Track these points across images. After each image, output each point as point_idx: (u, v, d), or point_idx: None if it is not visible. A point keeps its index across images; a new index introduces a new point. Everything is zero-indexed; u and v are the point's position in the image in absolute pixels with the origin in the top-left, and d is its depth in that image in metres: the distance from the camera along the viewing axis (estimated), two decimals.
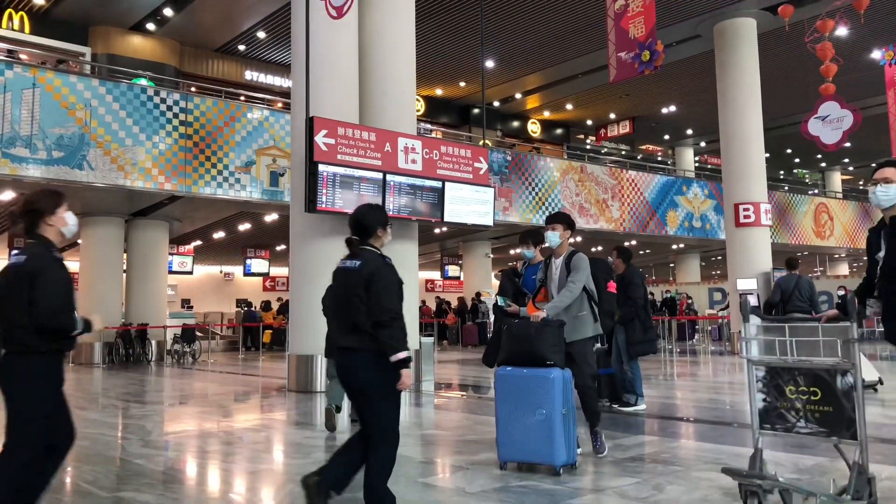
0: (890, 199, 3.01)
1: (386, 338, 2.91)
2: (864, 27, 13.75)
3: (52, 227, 2.84)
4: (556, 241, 4.43)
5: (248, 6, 13.97)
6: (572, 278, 4.22)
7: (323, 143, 7.76)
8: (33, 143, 9.63)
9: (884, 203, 3.04)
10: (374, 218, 3.17)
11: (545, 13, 14.24)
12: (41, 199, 2.86)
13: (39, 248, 2.80)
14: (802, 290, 8.55)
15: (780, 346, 3.03)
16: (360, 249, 3.12)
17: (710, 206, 17.84)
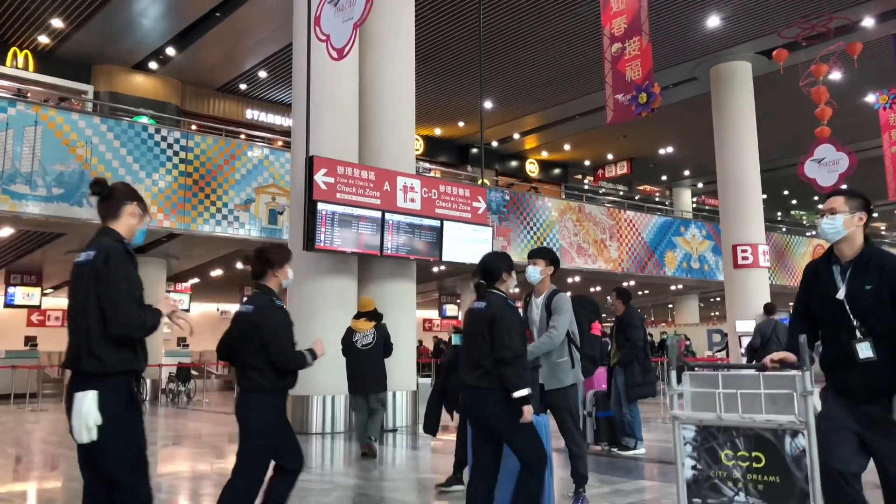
0: (836, 230, 2.75)
1: (508, 375, 3.12)
2: (857, 71, 13.93)
3: (276, 278, 3.24)
4: (537, 277, 4.15)
5: (250, 47, 14.15)
6: (553, 322, 3.95)
7: (322, 181, 7.78)
8: (33, 179, 9.65)
9: (829, 236, 2.78)
10: (500, 264, 3.49)
11: (543, 55, 14.44)
12: (275, 252, 3.28)
13: (264, 297, 3.19)
14: (780, 335, 8.68)
15: (717, 399, 2.51)
16: (486, 292, 3.43)
17: (709, 248, 17.86)
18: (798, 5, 12.05)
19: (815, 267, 2.87)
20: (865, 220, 2.76)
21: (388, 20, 8.83)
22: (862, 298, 2.58)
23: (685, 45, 13.86)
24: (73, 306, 2.54)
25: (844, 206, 2.76)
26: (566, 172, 24.16)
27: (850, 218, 2.74)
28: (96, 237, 2.62)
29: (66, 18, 12.63)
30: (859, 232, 2.75)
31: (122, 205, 2.67)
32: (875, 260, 2.65)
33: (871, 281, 2.59)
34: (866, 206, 2.79)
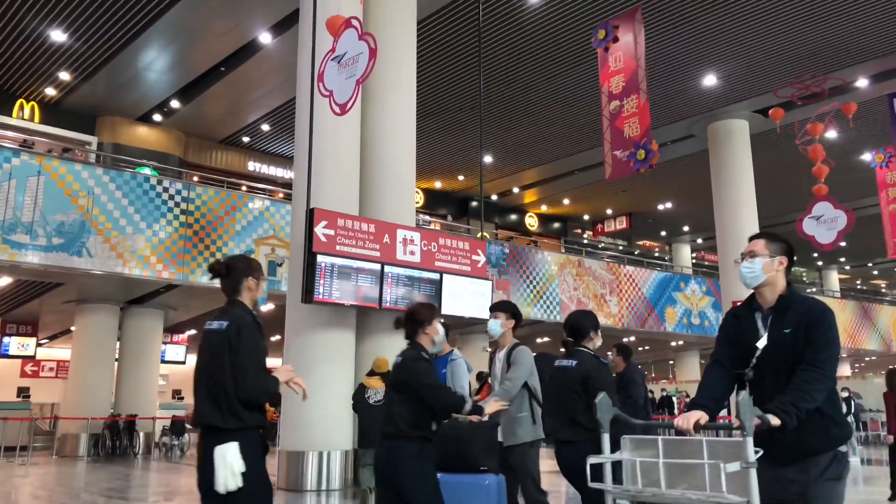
0: (755, 275, 2.59)
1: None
2: (854, 130, 14.12)
3: (427, 335, 3.47)
4: (497, 330, 4.03)
5: (254, 100, 14.36)
6: (510, 374, 3.83)
7: (322, 234, 7.78)
8: (34, 229, 9.66)
9: (748, 280, 2.63)
10: (586, 322, 3.70)
11: (542, 111, 14.64)
12: (423, 310, 3.54)
13: (414, 352, 3.40)
14: None
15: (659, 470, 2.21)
16: (575, 350, 3.61)
17: (709, 303, 17.79)
18: (793, 65, 12.28)
19: (735, 313, 2.72)
20: (787, 265, 2.61)
21: (390, 76, 8.97)
22: (783, 346, 2.45)
23: (682, 103, 14.07)
24: (205, 369, 2.86)
25: (765, 250, 2.63)
26: (565, 226, 24.25)
27: (770, 262, 2.59)
28: (227, 308, 2.96)
29: (73, 71, 12.84)
30: (781, 277, 2.60)
31: (242, 281, 2.98)
32: (795, 304, 2.52)
33: (790, 326, 2.48)
34: (788, 251, 2.65)
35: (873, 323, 22.01)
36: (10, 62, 12.57)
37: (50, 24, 11.19)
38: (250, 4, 10.68)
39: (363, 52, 5.75)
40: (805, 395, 2.30)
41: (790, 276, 2.64)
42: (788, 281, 2.62)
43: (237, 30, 11.45)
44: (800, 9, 10.78)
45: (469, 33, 11.40)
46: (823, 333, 2.42)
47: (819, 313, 2.46)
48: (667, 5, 10.66)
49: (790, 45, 11.79)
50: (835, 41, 11.71)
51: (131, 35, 11.51)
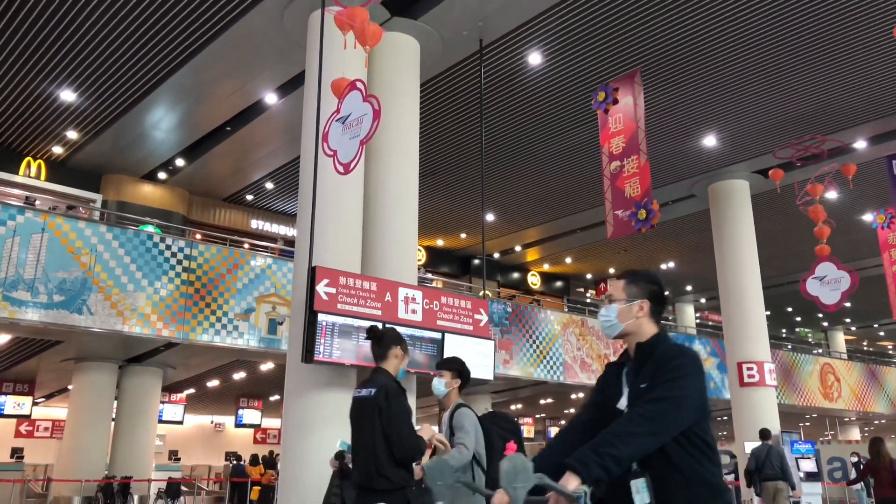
0: (611, 324, 2.23)
1: None
2: (854, 191, 14.19)
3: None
4: (441, 390, 3.87)
5: (258, 159, 14.52)
6: (459, 439, 3.61)
7: (324, 292, 7.74)
8: (35, 286, 9.64)
9: (604, 330, 2.28)
10: None
11: (543, 171, 14.77)
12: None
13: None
14: (773, 460, 9.05)
15: None
16: None
17: (714, 364, 17.60)
18: (792, 126, 12.42)
19: (607, 369, 2.38)
20: (649, 310, 2.23)
21: (393, 137, 9.07)
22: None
23: (683, 163, 14.19)
24: (361, 435, 3.17)
25: (622, 294, 2.25)
26: (568, 285, 24.21)
27: (628, 308, 2.22)
28: (373, 376, 3.28)
29: (81, 130, 13.02)
30: (645, 324, 2.21)
31: (391, 348, 3.33)
32: (656, 353, 2.14)
33: (646, 379, 2.08)
34: (652, 294, 2.25)
35: (881, 385, 21.72)
36: (20, 121, 12.76)
37: (59, 84, 11.39)
38: (257, 67, 10.89)
39: (367, 114, 5.82)
40: (613, 439, 1.89)
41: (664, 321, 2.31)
42: (661, 328, 2.26)
43: (243, 91, 11.65)
44: (798, 71, 10.97)
45: (471, 95, 11.59)
46: (666, 374, 2.03)
47: (669, 357, 2.09)
48: (665, 68, 10.85)
49: (789, 106, 11.95)
50: (833, 103, 11.88)
51: (139, 95, 11.72)
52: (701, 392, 2.07)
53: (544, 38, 10.20)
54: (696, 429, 2.04)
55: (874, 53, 10.49)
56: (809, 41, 10.22)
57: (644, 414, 1.96)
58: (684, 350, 2.14)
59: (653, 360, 2.13)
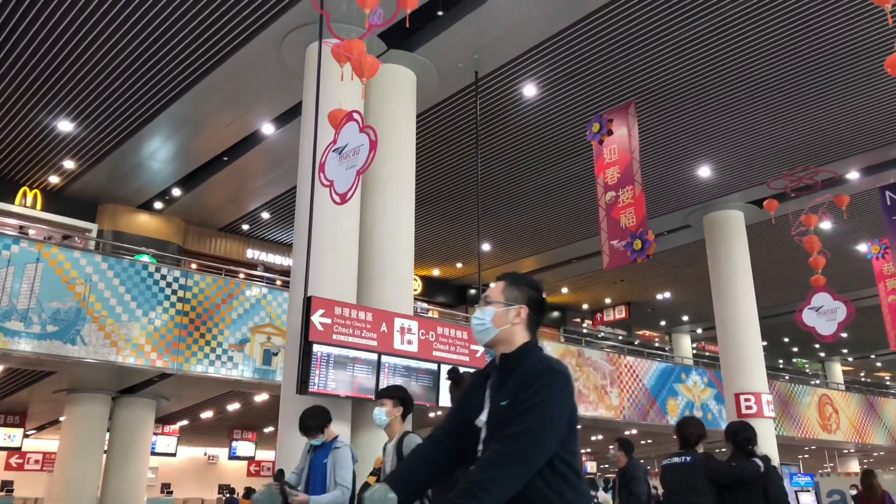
0: (485, 329, 2.05)
1: None
2: (848, 221, 14.26)
3: None
4: (383, 419, 3.74)
5: (255, 189, 14.55)
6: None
7: (319, 322, 7.70)
8: (29, 316, 9.57)
9: (476, 336, 2.08)
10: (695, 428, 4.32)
11: (539, 200, 14.82)
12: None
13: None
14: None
15: None
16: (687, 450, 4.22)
17: (711, 395, 17.50)
18: (785, 157, 12.51)
19: (473, 379, 2.17)
20: (529, 316, 2.06)
21: (389, 167, 9.11)
22: (498, 425, 1.89)
23: (677, 193, 14.26)
24: None
25: (500, 296, 2.08)
26: (564, 316, 24.15)
27: (505, 312, 2.04)
28: None
29: (78, 160, 13.05)
30: (520, 332, 2.04)
31: None
32: (523, 366, 1.96)
33: (508, 395, 1.91)
34: (532, 300, 2.08)
35: (879, 417, 21.61)
36: (17, 152, 12.79)
37: (57, 114, 11.44)
38: (254, 97, 10.96)
39: (364, 144, 5.85)
40: (475, 489, 1.74)
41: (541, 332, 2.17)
42: (534, 338, 2.08)
43: (240, 121, 11.72)
44: (790, 103, 11.08)
45: (466, 125, 11.67)
46: (530, 397, 1.85)
47: (534, 375, 1.90)
48: (659, 99, 10.95)
49: (782, 137, 12.05)
50: (825, 135, 11.98)
51: (136, 125, 11.77)
52: (568, 411, 1.91)
53: (539, 71, 10.30)
54: (561, 452, 1.87)
55: (866, 86, 10.62)
56: (801, 74, 10.34)
57: (506, 453, 1.78)
58: (551, 366, 1.94)
59: (517, 374, 1.94)
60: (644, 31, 9.42)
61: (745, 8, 8.99)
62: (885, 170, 12.88)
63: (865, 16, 9.08)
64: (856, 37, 9.54)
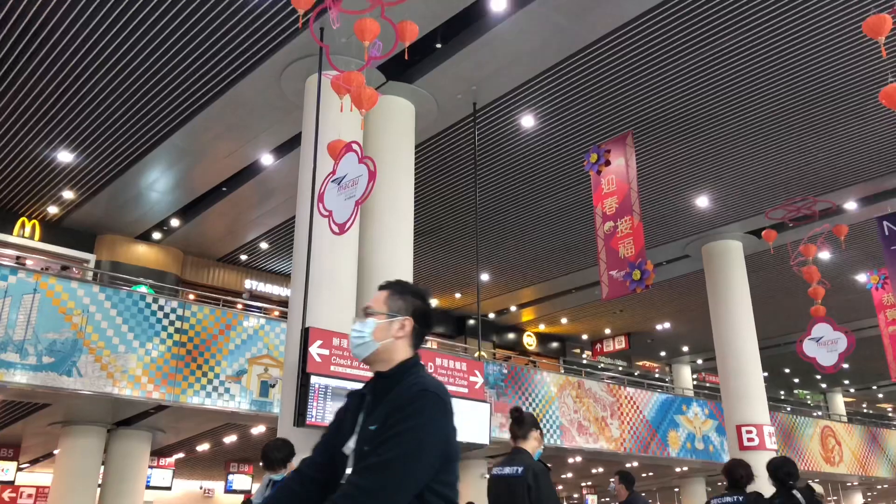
0: (364, 343, 1.88)
1: None
2: (846, 251, 14.26)
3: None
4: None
5: (254, 219, 14.56)
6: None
7: (317, 353, 7.64)
8: (25, 347, 9.50)
9: (355, 351, 1.92)
10: (744, 470, 4.39)
11: (538, 231, 14.83)
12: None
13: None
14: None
15: None
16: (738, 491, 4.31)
17: (712, 427, 17.34)
18: (783, 188, 12.55)
19: (349, 399, 1.98)
20: (411, 330, 1.90)
21: (388, 197, 9.13)
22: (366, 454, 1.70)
23: (676, 224, 14.28)
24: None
25: (383, 307, 1.90)
26: (564, 346, 24.04)
27: (387, 324, 1.87)
28: (516, 455, 3.45)
29: (77, 190, 13.07)
30: (402, 347, 1.88)
31: (531, 430, 3.51)
32: (399, 387, 1.78)
33: (379, 419, 1.74)
34: (417, 311, 1.91)
35: (882, 449, 21.40)
36: (16, 182, 12.81)
37: (56, 145, 11.49)
38: (254, 128, 11.02)
39: (363, 175, 5.86)
40: None
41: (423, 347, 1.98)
42: (416, 356, 1.91)
43: (240, 152, 11.76)
44: (788, 133, 11.14)
45: (465, 156, 11.72)
46: (399, 422, 1.67)
47: (408, 396, 1.73)
48: (657, 130, 11.02)
49: (780, 167, 12.10)
50: (823, 165, 12.04)
51: (136, 156, 11.81)
52: (443, 438, 1.72)
53: (536, 102, 10.37)
54: (435, 485, 1.69)
55: (862, 117, 10.69)
56: (798, 104, 10.41)
57: (363, 486, 1.59)
58: (426, 388, 1.75)
59: (391, 395, 1.77)
60: (641, 63, 9.51)
61: (742, 40, 9.09)
62: (883, 200, 12.92)
63: (861, 48, 9.18)
64: (852, 69, 9.63)
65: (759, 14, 8.62)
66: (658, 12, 8.54)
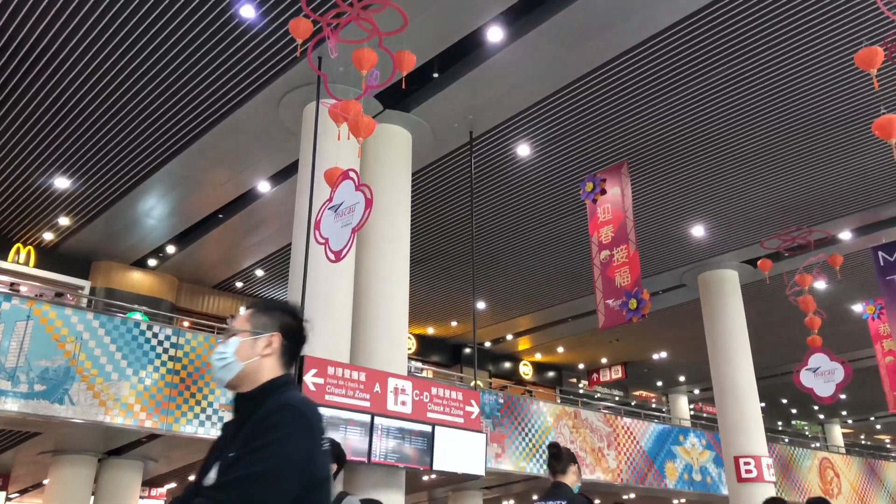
0: (227, 364, 1.71)
1: None
2: (843, 281, 14.26)
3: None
4: None
5: (249, 246, 14.54)
6: None
7: (312, 382, 7.58)
8: (17, 375, 9.40)
9: (217, 375, 1.73)
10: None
11: (534, 259, 14.83)
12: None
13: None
14: None
15: None
16: None
17: (710, 458, 17.18)
18: (778, 217, 12.59)
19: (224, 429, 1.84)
20: (280, 347, 1.78)
21: (385, 224, 9.13)
22: None
23: (672, 252, 14.29)
24: None
25: (246, 324, 1.78)
26: (560, 376, 23.91)
27: (251, 343, 1.74)
28: (557, 489, 3.54)
29: (73, 216, 13.06)
30: (269, 365, 1.73)
31: (570, 465, 3.56)
32: (263, 407, 1.62)
33: (238, 445, 1.59)
34: (286, 327, 1.82)
35: (881, 481, 21.22)
36: (12, 208, 12.80)
37: (53, 171, 11.50)
38: (251, 156, 11.05)
39: (359, 202, 5.86)
40: None
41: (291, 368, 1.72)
42: (287, 374, 1.76)
43: (237, 179, 11.78)
44: (782, 164, 11.21)
45: (461, 184, 11.75)
46: (255, 439, 1.53)
47: (266, 414, 1.58)
48: (652, 159, 11.08)
49: (775, 197, 12.16)
50: (817, 195, 12.10)
51: (132, 183, 11.82)
52: (304, 458, 1.56)
53: (532, 131, 10.43)
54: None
55: (856, 148, 10.77)
56: (793, 135, 10.49)
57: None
58: (289, 403, 1.62)
59: (254, 416, 1.61)
60: (636, 93, 9.59)
61: (737, 71, 9.18)
62: (877, 230, 12.96)
63: (854, 80, 9.27)
64: (845, 100, 9.72)
65: (753, 45, 8.72)
66: (653, 42, 8.63)
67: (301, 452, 1.56)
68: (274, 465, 1.50)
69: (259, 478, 1.47)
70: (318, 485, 1.60)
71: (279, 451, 1.51)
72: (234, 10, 7.92)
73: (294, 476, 1.53)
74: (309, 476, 1.57)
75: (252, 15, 7.97)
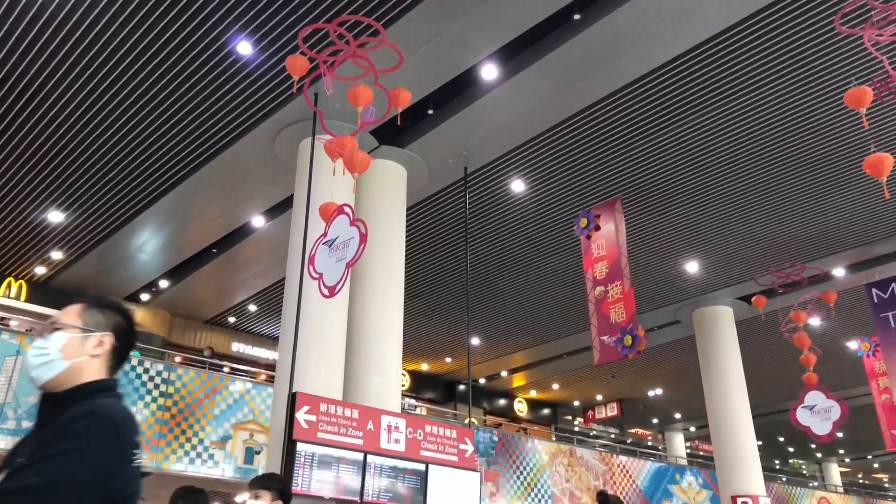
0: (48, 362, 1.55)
1: None
2: (836, 318, 14.26)
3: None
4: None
5: (243, 281, 14.47)
6: None
7: (304, 419, 7.48)
8: (4, 411, 9.26)
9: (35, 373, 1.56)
10: None
11: (529, 295, 14.80)
12: None
13: None
14: None
15: None
16: None
17: (707, 497, 16.97)
18: (772, 254, 12.62)
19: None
20: (111, 349, 1.61)
21: (379, 260, 9.11)
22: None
23: (666, 289, 14.28)
24: None
25: (76, 319, 1.61)
26: (555, 413, 23.72)
27: (81, 340, 1.58)
28: None
29: (66, 250, 13.00)
30: (95, 367, 1.57)
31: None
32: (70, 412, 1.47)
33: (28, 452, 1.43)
34: (118, 328, 1.65)
35: None
36: (4, 242, 12.74)
37: (46, 206, 11.47)
38: (246, 191, 11.05)
39: (354, 237, 5.84)
40: None
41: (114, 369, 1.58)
42: (111, 380, 1.60)
43: (231, 214, 11.77)
44: (775, 201, 11.27)
45: (456, 219, 11.77)
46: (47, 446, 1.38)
47: (69, 418, 1.43)
48: (646, 196, 11.12)
49: (768, 234, 12.20)
50: (811, 232, 12.15)
51: (127, 217, 11.79)
52: (104, 473, 1.40)
53: (526, 167, 10.48)
54: None
55: (848, 185, 10.84)
56: (786, 172, 10.56)
57: None
58: (97, 409, 1.46)
59: (56, 422, 1.45)
60: (630, 130, 9.66)
61: (730, 110, 9.27)
62: (871, 267, 13.00)
63: (845, 119, 9.37)
64: (836, 139, 9.82)
65: (746, 84, 8.82)
66: (646, 81, 8.73)
67: (102, 465, 1.39)
68: (67, 476, 1.33)
69: (47, 489, 1.30)
70: (119, 503, 1.44)
71: (75, 462, 1.35)
72: (231, 46, 7.98)
73: (89, 491, 1.36)
74: (110, 492, 1.40)
75: (249, 52, 8.03)
